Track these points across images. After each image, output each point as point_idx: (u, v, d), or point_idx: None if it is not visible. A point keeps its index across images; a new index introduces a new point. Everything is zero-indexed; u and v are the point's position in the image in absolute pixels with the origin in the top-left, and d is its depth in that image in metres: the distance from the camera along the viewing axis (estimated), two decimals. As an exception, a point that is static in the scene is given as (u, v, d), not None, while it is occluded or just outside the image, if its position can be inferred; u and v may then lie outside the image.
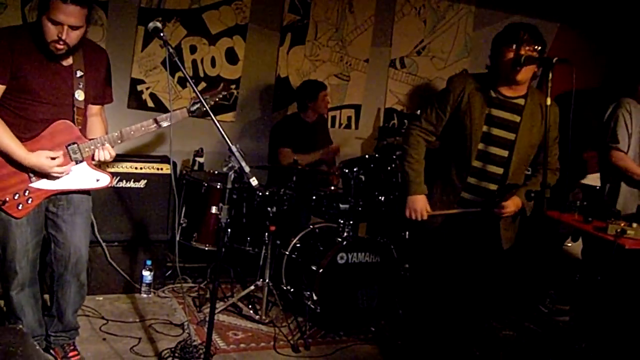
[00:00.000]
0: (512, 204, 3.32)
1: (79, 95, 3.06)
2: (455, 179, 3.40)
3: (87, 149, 3.07)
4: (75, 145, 3.05)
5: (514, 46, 3.17)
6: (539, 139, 3.35)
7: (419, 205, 3.43)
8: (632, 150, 4.21)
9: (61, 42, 2.86)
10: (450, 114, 3.38)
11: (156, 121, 3.16)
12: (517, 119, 3.32)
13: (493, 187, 3.38)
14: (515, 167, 3.35)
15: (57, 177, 3.04)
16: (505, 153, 3.33)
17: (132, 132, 3.14)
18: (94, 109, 3.25)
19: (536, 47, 3.17)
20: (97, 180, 3.17)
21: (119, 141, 3.12)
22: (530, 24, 3.27)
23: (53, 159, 2.97)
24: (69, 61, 3.03)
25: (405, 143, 3.50)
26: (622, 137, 4.16)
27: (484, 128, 3.31)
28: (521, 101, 3.34)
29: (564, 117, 3.39)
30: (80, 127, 3.08)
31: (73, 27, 2.85)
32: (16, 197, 2.99)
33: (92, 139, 3.11)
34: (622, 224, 3.65)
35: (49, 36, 2.85)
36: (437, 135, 3.46)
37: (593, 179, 4.84)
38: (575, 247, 5.22)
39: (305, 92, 5.19)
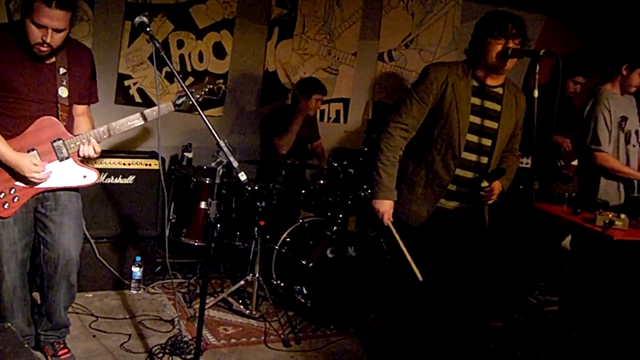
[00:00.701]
0: (497, 189, 3.32)
1: (63, 92, 3.04)
2: (441, 171, 3.30)
3: (72, 145, 3.05)
4: (61, 141, 3.03)
5: (503, 39, 3.13)
6: (513, 127, 3.40)
7: (386, 210, 3.35)
8: (612, 144, 4.23)
9: (45, 45, 2.84)
10: (433, 104, 3.29)
11: (143, 115, 3.14)
12: (498, 107, 3.32)
13: (474, 176, 3.36)
14: (496, 156, 3.36)
15: (34, 182, 3.00)
16: (489, 142, 3.33)
17: (118, 127, 3.12)
18: (79, 108, 3.23)
19: (521, 38, 3.16)
20: (84, 177, 3.15)
21: (105, 136, 3.11)
22: (514, 15, 3.22)
23: (36, 165, 2.95)
24: (51, 59, 3.01)
25: (382, 143, 3.34)
26: (603, 138, 4.17)
27: (471, 118, 3.27)
28: (500, 90, 3.34)
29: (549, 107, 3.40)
30: (64, 123, 3.06)
31: (57, 30, 2.83)
32: (2, 196, 2.97)
33: (78, 134, 3.09)
34: (610, 215, 3.67)
35: (33, 38, 2.83)
36: (416, 130, 3.35)
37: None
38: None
39: (302, 87, 5.17)
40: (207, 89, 3.34)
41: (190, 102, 2.96)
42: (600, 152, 4.17)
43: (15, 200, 2.99)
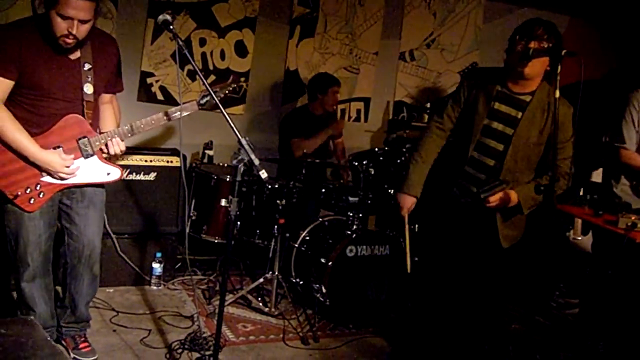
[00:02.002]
0: (496, 199, 3.28)
1: (88, 89, 3.06)
2: (454, 163, 3.47)
3: (97, 143, 3.08)
4: (86, 139, 3.06)
5: (525, 39, 3.12)
6: (536, 137, 3.31)
7: (406, 204, 3.54)
8: (635, 146, 4.16)
9: (71, 37, 2.85)
10: (462, 108, 3.45)
11: (166, 114, 3.17)
12: (519, 114, 3.30)
13: (484, 178, 3.41)
14: (510, 163, 3.32)
15: (62, 178, 3.05)
16: (500, 147, 3.34)
17: (142, 126, 3.14)
18: (105, 97, 3.26)
19: (549, 43, 3.09)
20: (108, 174, 3.19)
21: (129, 135, 3.13)
22: (548, 21, 3.19)
23: (64, 159, 2.99)
24: (76, 54, 3.02)
25: (420, 139, 3.59)
26: (629, 136, 4.10)
27: (485, 121, 3.34)
28: (527, 97, 3.30)
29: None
30: (90, 120, 3.09)
31: (82, 21, 2.84)
32: (28, 191, 3.00)
33: (103, 132, 3.12)
34: (633, 218, 3.63)
35: (59, 31, 2.83)
36: (450, 129, 3.54)
37: (595, 175, 4.83)
38: (585, 240, 5.20)
39: (316, 84, 5.18)
40: (230, 88, 3.36)
41: (214, 102, 2.97)
42: (625, 150, 4.11)
43: (40, 195, 3.03)
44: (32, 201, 3.02)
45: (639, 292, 3.82)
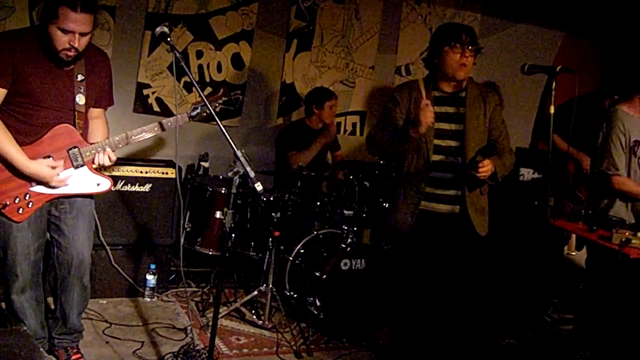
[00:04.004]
0: (489, 163, 3.32)
1: (80, 99, 3.07)
2: (415, 178, 3.47)
3: (87, 153, 3.08)
4: (76, 149, 3.06)
5: (459, 46, 3.31)
6: (485, 124, 3.50)
7: (423, 113, 3.26)
8: (624, 169, 4.15)
9: (72, 50, 2.87)
10: (403, 121, 3.49)
11: (160, 125, 3.18)
12: (462, 109, 3.47)
13: (451, 177, 3.47)
14: (471, 154, 3.41)
15: (56, 187, 3.04)
16: (456, 143, 3.45)
17: (134, 136, 3.15)
18: (95, 112, 3.26)
19: (475, 47, 3.36)
20: (98, 185, 3.18)
21: (121, 145, 3.14)
22: (466, 25, 3.55)
23: (54, 168, 2.98)
24: (70, 66, 3.03)
25: (375, 138, 3.57)
26: (619, 162, 4.09)
27: (436, 125, 3.42)
28: (462, 94, 3.50)
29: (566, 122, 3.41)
30: (81, 131, 3.09)
31: (83, 34, 2.86)
32: (16, 201, 2.99)
33: (93, 143, 3.12)
34: (627, 233, 3.64)
35: (60, 44, 2.85)
36: None
37: None
38: (579, 256, 5.21)
39: (313, 98, 5.18)
40: (221, 101, 3.37)
41: (205, 114, 2.99)
42: (617, 176, 4.11)
43: (29, 205, 3.02)
44: (20, 211, 3.00)
45: (633, 308, 3.82)
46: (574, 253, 5.47)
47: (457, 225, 3.49)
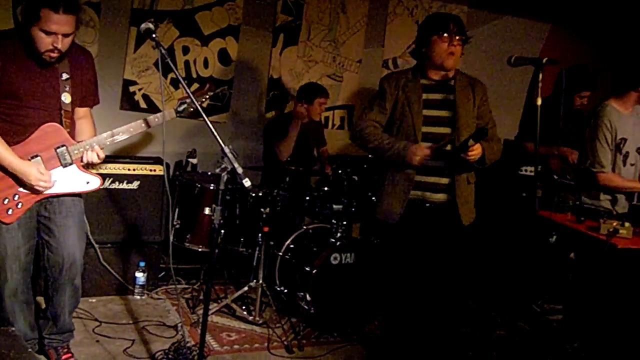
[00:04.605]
0: (479, 147, 3.34)
1: (66, 98, 3.05)
2: (404, 165, 3.44)
3: (76, 152, 3.06)
4: (64, 147, 3.04)
5: (446, 35, 3.35)
6: (474, 111, 3.52)
7: (418, 150, 3.35)
8: (609, 166, 4.17)
9: (56, 51, 2.86)
10: (391, 111, 3.51)
11: (146, 122, 3.17)
12: (451, 96, 3.48)
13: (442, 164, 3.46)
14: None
15: (39, 191, 3.02)
16: (448, 130, 3.44)
17: (121, 133, 3.14)
18: (81, 111, 3.24)
19: (463, 37, 3.40)
20: (87, 183, 3.16)
21: (108, 142, 3.12)
22: (453, 15, 3.62)
23: (42, 174, 2.96)
24: (54, 65, 3.01)
25: (362, 134, 3.52)
26: (605, 159, 4.11)
27: (425, 112, 3.44)
28: (451, 82, 3.52)
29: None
30: (68, 129, 3.08)
31: (65, 35, 2.85)
32: (5, 202, 2.97)
33: (81, 141, 3.10)
34: (615, 224, 3.67)
35: (43, 46, 2.84)
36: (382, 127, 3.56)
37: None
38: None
39: (303, 93, 5.16)
40: (207, 96, 3.36)
41: (192, 109, 2.98)
42: (602, 174, 4.13)
43: (18, 206, 3.00)
44: (10, 212, 2.98)
45: (621, 298, 3.85)
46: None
47: (445, 215, 3.49)
